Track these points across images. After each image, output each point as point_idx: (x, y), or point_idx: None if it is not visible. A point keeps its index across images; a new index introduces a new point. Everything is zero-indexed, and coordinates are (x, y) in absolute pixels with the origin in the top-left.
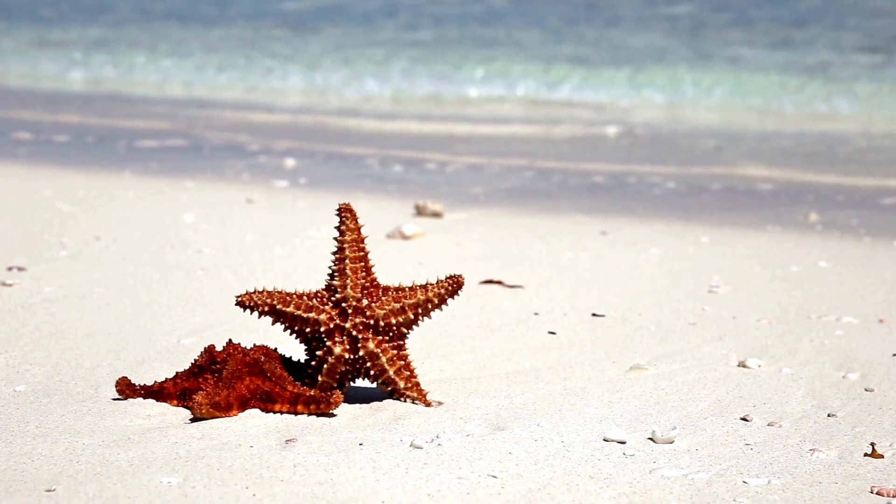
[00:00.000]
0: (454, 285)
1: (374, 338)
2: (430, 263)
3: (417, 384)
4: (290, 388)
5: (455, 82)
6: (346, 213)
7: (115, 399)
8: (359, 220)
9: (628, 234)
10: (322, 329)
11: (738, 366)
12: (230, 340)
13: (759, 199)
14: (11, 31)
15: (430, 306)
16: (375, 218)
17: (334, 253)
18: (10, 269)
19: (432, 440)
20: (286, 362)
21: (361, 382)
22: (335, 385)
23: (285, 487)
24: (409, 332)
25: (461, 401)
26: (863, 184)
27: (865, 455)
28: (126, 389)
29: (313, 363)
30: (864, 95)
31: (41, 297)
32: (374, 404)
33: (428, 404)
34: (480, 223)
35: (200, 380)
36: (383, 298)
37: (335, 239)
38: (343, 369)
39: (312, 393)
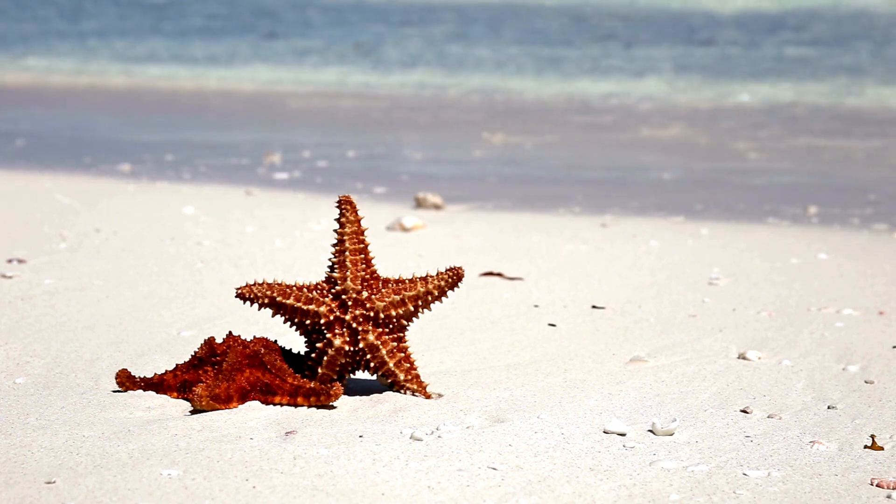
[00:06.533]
0: (454, 277)
1: (374, 330)
2: (430, 255)
3: (417, 376)
4: (290, 380)
5: None
6: (346, 205)
7: (115, 391)
8: (359, 213)
9: (628, 227)
10: (322, 321)
11: (739, 358)
12: (230, 332)
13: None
14: None
15: (430, 298)
16: (375, 210)
17: (334, 245)
18: (10, 261)
19: (432, 432)
20: (286, 354)
21: (361, 375)
22: (335, 377)
23: (285, 479)
24: (409, 324)
25: (461, 393)
26: None
27: (865, 447)
28: (126, 381)
29: (313, 355)
30: None
31: (41, 290)
32: (374, 396)
33: (428, 396)
34: (480, 215)
35: (200, 372)
36: (383, 290)
37: (335, 231)
38: (343, 361)
39: (312, 385)
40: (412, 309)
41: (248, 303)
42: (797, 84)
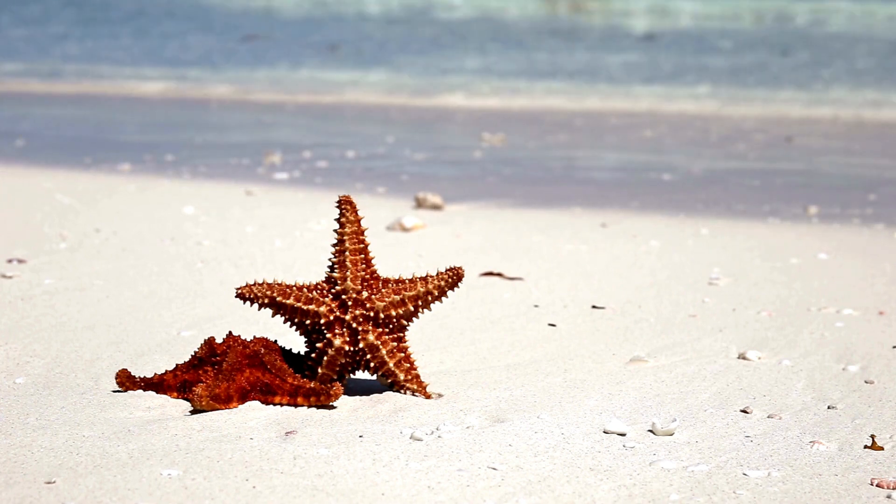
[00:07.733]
0: (454, 277)
1: (374, 330)
2: (430, 255)
3: (417, 376)
4: (290, 380)
5: None
6: (346, 205)
7: (115, 391)
8: (358, 213)
9: (628, 226)
10: (322, 321)
11: (739, 358)
12: (230, 332)
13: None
14: None
15: (430, 298)
16: (375, 210)
17: (334, 245)
18: (10, 261)
19: (432, 432)
20: (286, 354)
21: (361, 374)
22: (335, 377)
23: (285, 479)
24: (409, 324)
25: (461, 393)
26: None
27: (865, 447)
28: (126, 381)
29: (313, 355)
30: None
31: (41, 290)
32: (374, 396)
33: (428, 396)
34: (480, 215)
35: (200, 372)
36: (383, 290)
37: (335, 231)
38: (343, 361)
39: (312, 385)
40: (412, 309)
41: (248, 303)
42: (797, 84)
